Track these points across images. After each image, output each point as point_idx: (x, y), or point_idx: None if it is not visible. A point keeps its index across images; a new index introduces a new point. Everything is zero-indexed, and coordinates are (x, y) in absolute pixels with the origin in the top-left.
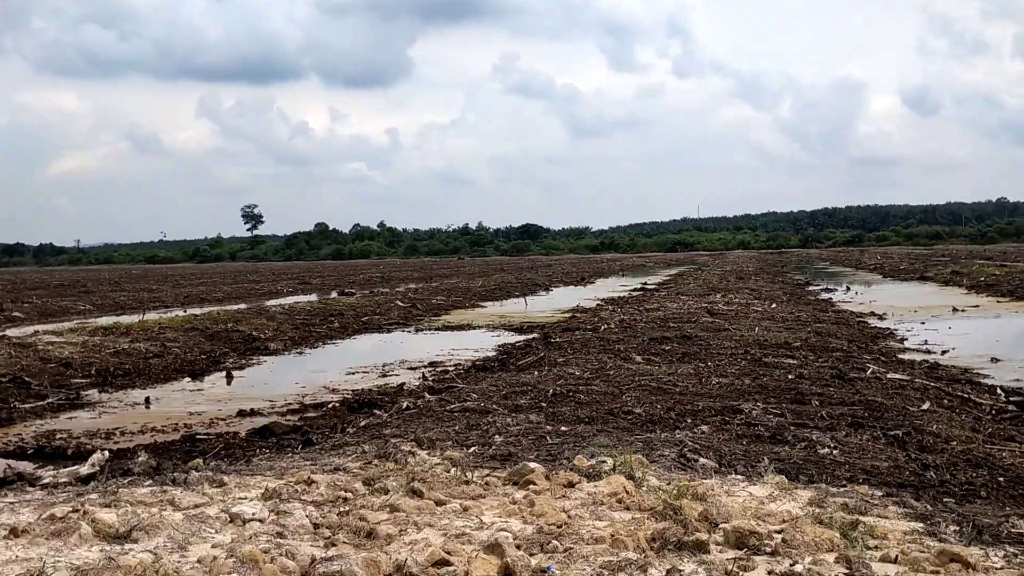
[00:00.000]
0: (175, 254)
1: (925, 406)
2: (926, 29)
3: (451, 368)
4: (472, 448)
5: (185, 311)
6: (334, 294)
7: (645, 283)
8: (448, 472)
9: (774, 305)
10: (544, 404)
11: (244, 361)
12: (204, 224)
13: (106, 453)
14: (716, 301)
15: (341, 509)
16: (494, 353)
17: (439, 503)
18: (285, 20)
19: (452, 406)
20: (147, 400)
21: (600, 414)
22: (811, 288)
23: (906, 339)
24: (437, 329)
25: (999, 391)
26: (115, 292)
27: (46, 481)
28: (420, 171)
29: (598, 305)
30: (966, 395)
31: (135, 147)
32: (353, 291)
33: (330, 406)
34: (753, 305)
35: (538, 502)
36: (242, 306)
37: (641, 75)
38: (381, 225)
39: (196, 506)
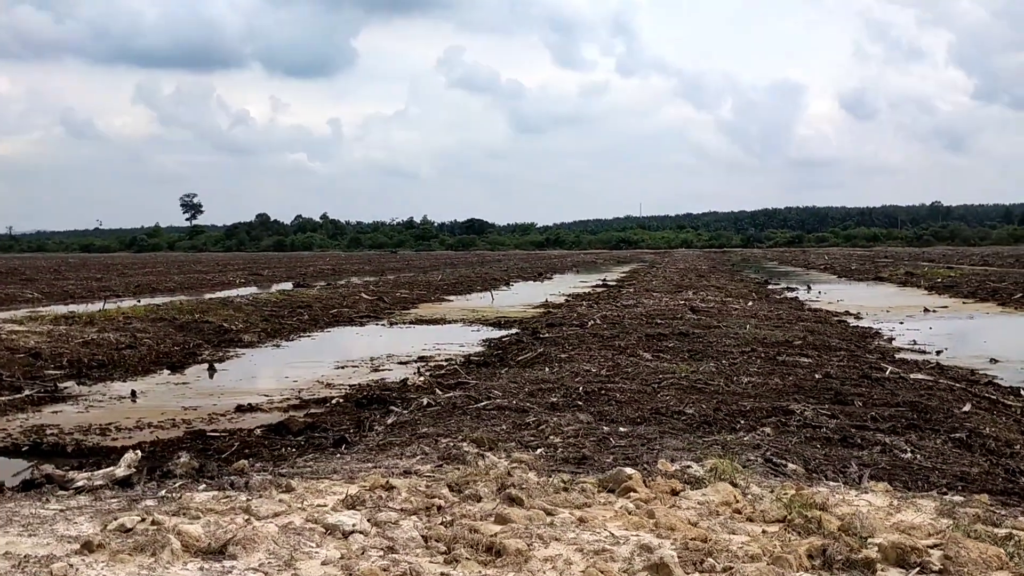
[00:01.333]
0: (111, 243)
1: (966, 408)
2: (863, 35)
3: (444, 363)
4: (538, 450)
5: (139, 300)
6: (288, 285)
7: (604, 279)
8: (526, 476)
9: (750, 303)
10: (580, 402)
11: (221, 353)
12: (141, 213)
13: (138, 453)
14: (690, 299)
15: (443, 519)
16: (482, 348)
17: (548, 512)
18: (227, 6)
19: (481, 403)
20: (133, 394)
21: (647, 413)
22: (772, 287)
23: (894, 339)
24: (411, 323)
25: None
26: (59, 281)
27: (79, 484)
28: (362, 163)
29: (567, 300)
30: (992, 396)
31: (69, 132)
32: (312, 283)
33: (333, 402)
34: (730, 303)
35: (657, 512)
36: (201, 296)
37: (586, 72)
38: (324, 217)
39: (277, 515)
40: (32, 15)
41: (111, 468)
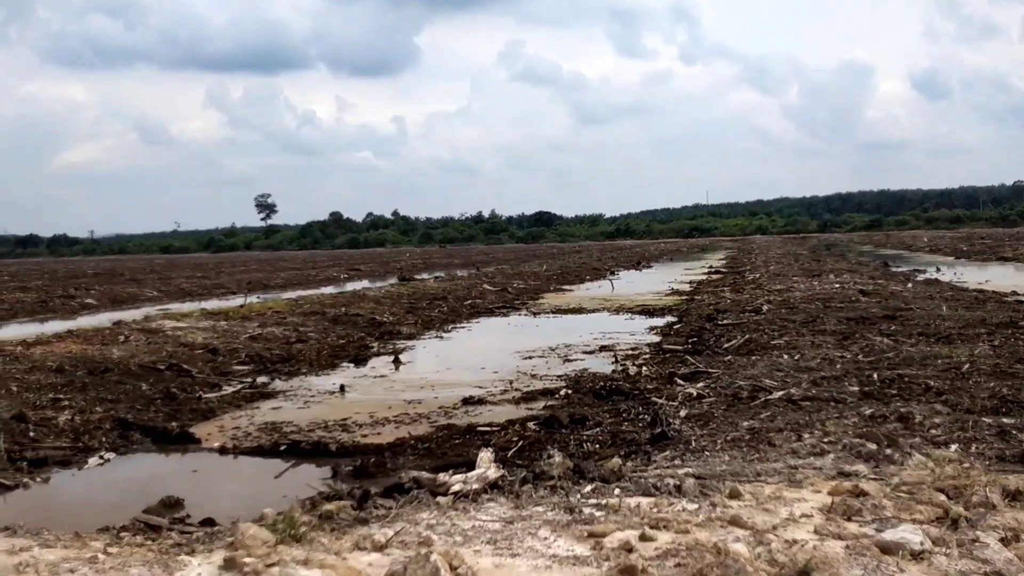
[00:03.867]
0: (189, 244)
1: None
2: (934, 12)
3: (632, 351)
4: (952, 446)
5: (259, 297)
6: (393, 280)
7: (710, 266)
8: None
9: (909, 285)
10: (893, 390)
11: (391, 346)
12: (216, 215)
13: (490, 452)
14: (843, 281)
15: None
16: (658, 337)
17: None
18: (291, 8)
19: (770, 395)
20: (341, 388)
21: (995, 403)
22: (897, 270)
23: None
24: (552, 312)
25: None
26: (167, 280)
27: (456, 488)
28: (427, 160)
29: (696, 286)
30: None
31: (143, 138)
32: (413, 277)
33: (562, 394)
34: (884, 286)
35: None
36: (317, 291)
37: (648, 61)
38: (395, 214)
39: (775, 527)
40: (104, 23)
41: (481, 470)
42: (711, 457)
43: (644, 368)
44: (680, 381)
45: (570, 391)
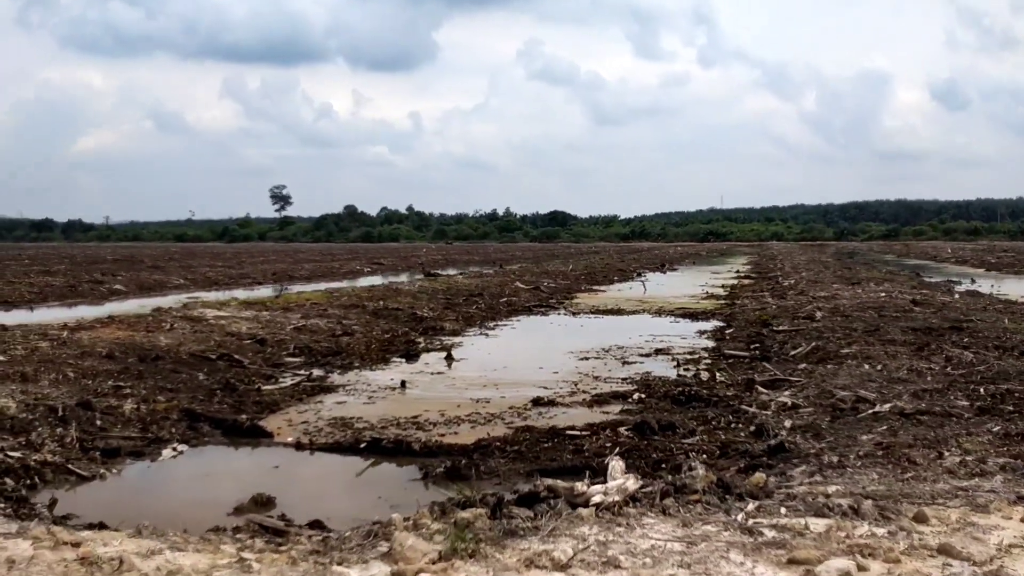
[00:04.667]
0: (204, 233)
1: None
2: (954, 21)
3: (687, 355)
4: None
5: (285, 287)
6: (418, 275)
7: (737, 271)
8: None
9: (956, 296)
10: (1009, 407)
11: (437, 342)
12: (230, 204)
13: (621, 461)
14: (887, 290)
15: None
16: (710, 342)
17: None
18: (311, 1)
19: (879, 409)
20: (403, 384)
21: None
22: (931, 281)
23: None
24: (591, 313)
25: None
26: (188, 269)
27: (597, 500)
28: (442, 156)
29: (731, 290)
30: None
31: (159, 125)
32: (437, 273)
33: (635, 397)
34: (935, 296)
35: None
36: (351, 284)
37: (666, 63)
38: (410, 209)
39: (992, 559)
40: (125, 11)
41: (619, 481)
42: (855, 474)
43: (718, 374)
44: (761, 388)
45: (643, 395)
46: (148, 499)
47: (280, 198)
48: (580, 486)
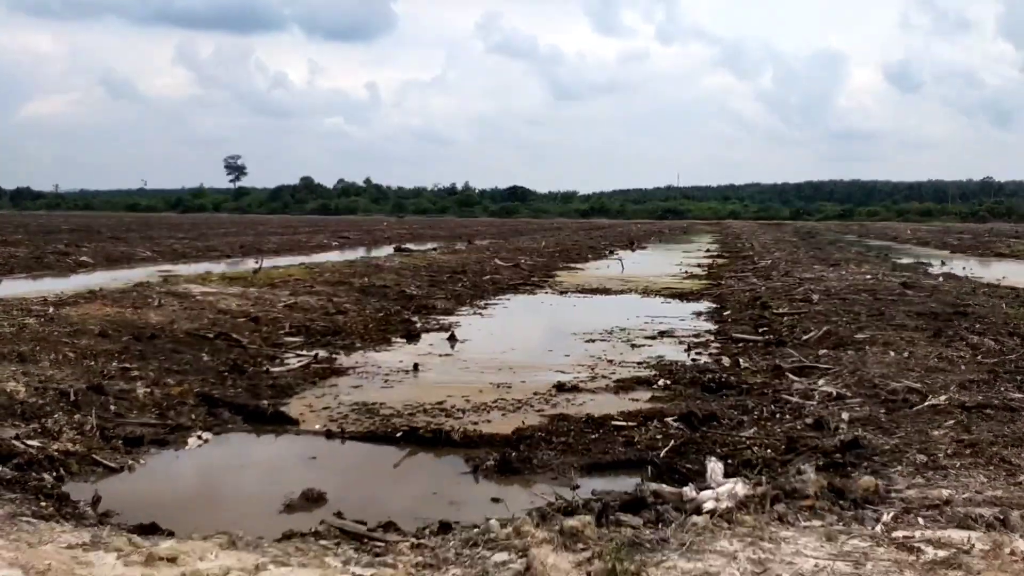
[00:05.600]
0: (156, 203)
1: None
2: (909, 3)
3: (693, 338)
4: None
5: (258, 262)
6: (388, 250)
7: (709, 250)
8: None
9: (940, 279)
10: None
11: (433, 321)
12: (183, 174)
13: (719, 462)
14: (871, 272)
15: None
16: (709, 324)
17: None
18: None
19: (936, 401)
20: (415, 367)
21: None
22: (901, 262)
23: None
24: (579, 292)
25: None
26: (149, 240)
27: (709, 506)
28: (399, 128)
29: (710, 270)
30: None
31: (110, 92)
32: (407, 249)
33: (660, 383)
34: (919, 279)
35: None
36: (324, 258)
37: (625, 39)
38: (367, 181)
39: None
40: None
41: (729, 485)
42: (960, 476)
43: (740, 359)
44: (792, 376)
45: (667, 381)
46: (189, 494)
47: (235, 168)
48: (689, 491)
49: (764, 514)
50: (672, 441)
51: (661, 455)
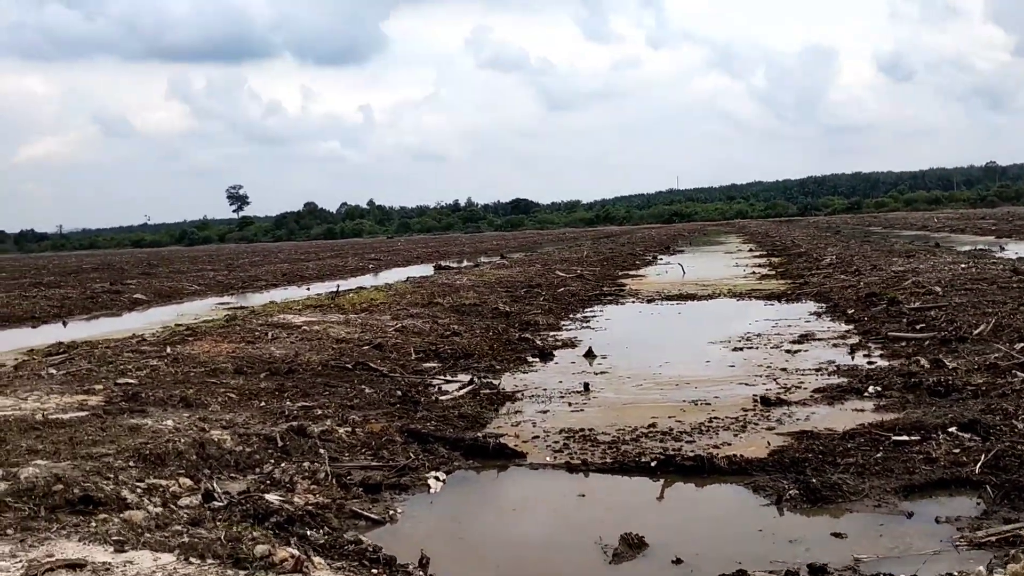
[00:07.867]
0: (162, 237)
1: None
2: None
3: (841, 339)
4: None
5: (308, 288)
6: (423, 268)
7: (752, 249)
8: None
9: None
10: None
11: (549, 338)
12: (184, 206)
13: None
14: (956, 262)
15: None
16: (838, 324)
17: None
18: None
19: None
20: (586, 387)
21: None
22: (962, 251)
23: None
24: (665, 299)
25: None
26: (183, 274)
27: None
28: (395, 148)
29: (778, 271)
30: None
31: (104, 130)
32: (445, 266)
33: (870, 390)
34: (975, 271)
35: None
36: (372, 280)
37: (616, 46)
38: (371, 203)
39: None
40: (62, 14)
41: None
42: None
43: (921, 358)
44: (1020, 373)
45: (878, 388)
46: (492, 545)
47: (237, 198)
48: None
49: None
50: (983, 456)
51: (976, 471)
